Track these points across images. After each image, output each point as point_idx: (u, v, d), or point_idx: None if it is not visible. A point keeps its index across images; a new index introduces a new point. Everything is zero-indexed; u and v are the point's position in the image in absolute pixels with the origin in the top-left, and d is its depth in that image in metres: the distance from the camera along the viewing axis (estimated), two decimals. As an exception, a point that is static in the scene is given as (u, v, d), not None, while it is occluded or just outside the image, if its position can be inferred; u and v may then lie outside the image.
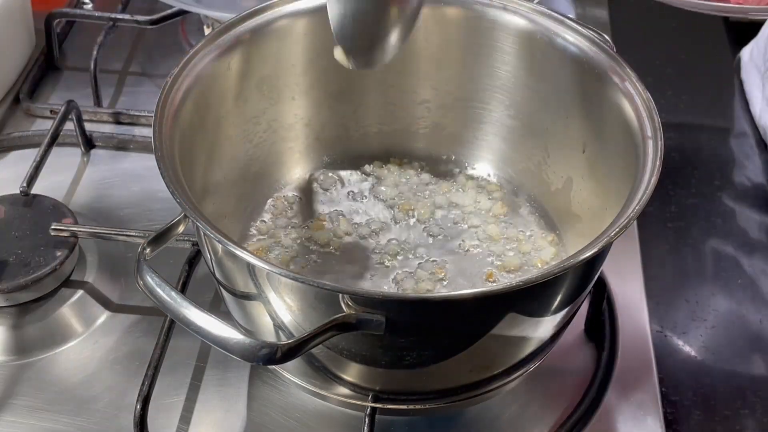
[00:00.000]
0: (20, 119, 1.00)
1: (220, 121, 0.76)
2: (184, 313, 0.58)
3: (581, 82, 0.75)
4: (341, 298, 0.58)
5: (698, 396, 0.77)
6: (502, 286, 0.58)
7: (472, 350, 0.64)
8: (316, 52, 0.80)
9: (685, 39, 1.17)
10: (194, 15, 1.10)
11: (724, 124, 1.04)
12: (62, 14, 1.06)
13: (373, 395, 0.68)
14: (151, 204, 0.90)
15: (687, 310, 0.84)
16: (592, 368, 0.77)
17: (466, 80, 0.83)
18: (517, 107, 0.81)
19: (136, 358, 0.76)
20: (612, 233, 0.60)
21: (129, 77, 1.07)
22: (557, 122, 0.78)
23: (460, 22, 0.79)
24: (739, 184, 0.96)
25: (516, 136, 0.83)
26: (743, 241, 0.90)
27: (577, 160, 0.76)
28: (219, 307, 0.80)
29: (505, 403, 0.74)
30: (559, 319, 0.67)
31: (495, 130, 0.83)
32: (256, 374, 0.75)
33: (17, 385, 0.75)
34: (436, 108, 0.82)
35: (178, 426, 0.72)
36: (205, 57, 0.73)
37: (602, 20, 1.15)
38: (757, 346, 0.81)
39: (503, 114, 0.82)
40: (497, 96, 0.82)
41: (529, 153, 0.82)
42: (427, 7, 0.76)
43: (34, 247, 0.80)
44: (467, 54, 0.81)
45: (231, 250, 0.58)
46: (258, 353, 0.55)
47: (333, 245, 0.78)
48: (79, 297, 0.80)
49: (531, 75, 0.79)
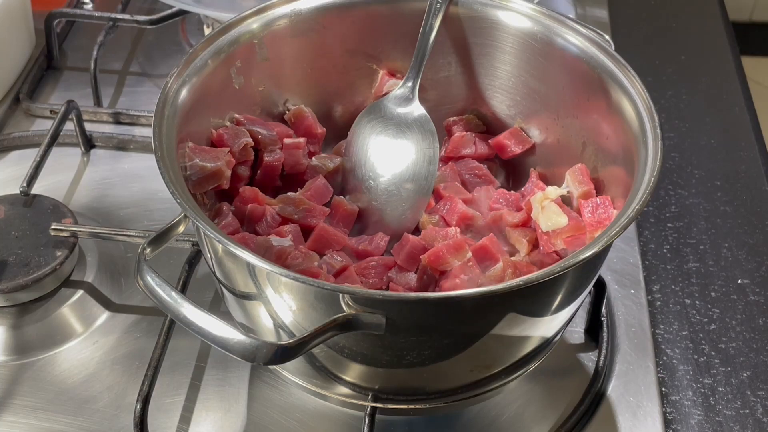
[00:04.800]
0: (20, 119, 1.00)
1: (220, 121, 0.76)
2: (184, 313, 0.58)
3: (581, 81, 0.75)
4: (341, 298, 0.58)
5: (698, 396, 0.77)
6: (502, 286, 0.58)
7: (472, 350, 0.64)
8: (317, 53, 0.80)
9: (685, 39, 1.17)
10: (194, 15, 1.10)
11: (724, 124, 1.04)
12: (62, 14, 1.06)
13: (373, 395, 0.68)
14: (151, 204, 0.90)
15: (687, 310, 0.84)
16: (592, 368, 0.77)
17: (466, 80, 0.83)
18: (517, 107, 0.81)
19: (136, 358, 0.77)
20: (612, 233, 0.60)
21: (129, 77, 1.07)
22: (557, 122, 0.78)
23: (460, 22, 0.79)
24: (739, 183, 0.96)
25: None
26: (743, 241, 0.90)
27: (576, 159, 0.76)
28: (219, 307, 0.80)
29: (505, 403, 0.74)
30: (559, 319, 0.67)
31: (495, 130, 0.83)
32: (256, 374, 0.75)
33: (17, 385, 0.75)
34: (436, 108, 0.82)
35: (178, 426, 0.72)
36: (205, 57, 0.73)
37: (602, 20, 1.15)
38: (758, 346, 0.81)
39: (503, 114, 0.82)
40: (497, 96, 0.82)
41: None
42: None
43: (34, 247, 0.80)
44: (467, 54, 0.81)
45: (231, 250, 0.58)
46: (258, 353, 0.55)
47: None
48: (79, 297, 0.80)
49: (531, 75, 0.79)
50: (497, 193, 0.79)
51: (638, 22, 1.19)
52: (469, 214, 0.77)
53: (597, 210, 0.70)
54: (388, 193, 0.78)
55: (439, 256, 0.70)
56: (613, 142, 0.72)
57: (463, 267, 0.70)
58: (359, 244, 0.76)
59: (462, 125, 0.84)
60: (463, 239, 0.72)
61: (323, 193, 0.79)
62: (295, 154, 0.79)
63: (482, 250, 0.72)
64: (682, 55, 1.14)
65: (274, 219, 0.75)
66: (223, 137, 0.75)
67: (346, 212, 0.78)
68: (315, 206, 0.77)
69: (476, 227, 0.77)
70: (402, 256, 0.74)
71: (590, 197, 0.72)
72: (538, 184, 0.78)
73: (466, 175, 0.82)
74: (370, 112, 0.81)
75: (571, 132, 0.77)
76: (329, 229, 0.75)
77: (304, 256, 0.70)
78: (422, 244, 0.73)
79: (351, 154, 0.81)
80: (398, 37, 0.81)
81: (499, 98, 0.82)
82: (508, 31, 0.78)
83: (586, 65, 0.74)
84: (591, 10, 1.17)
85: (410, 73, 0.80)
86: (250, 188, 0.76)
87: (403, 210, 0.78)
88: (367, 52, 0.82)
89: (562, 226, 0.71)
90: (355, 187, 0.80)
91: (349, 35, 0.81)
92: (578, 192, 0.73)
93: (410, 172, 0.78)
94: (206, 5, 1.00)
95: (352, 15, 0.80)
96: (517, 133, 0.81)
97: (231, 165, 0.74)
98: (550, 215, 0.72)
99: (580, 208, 0.72)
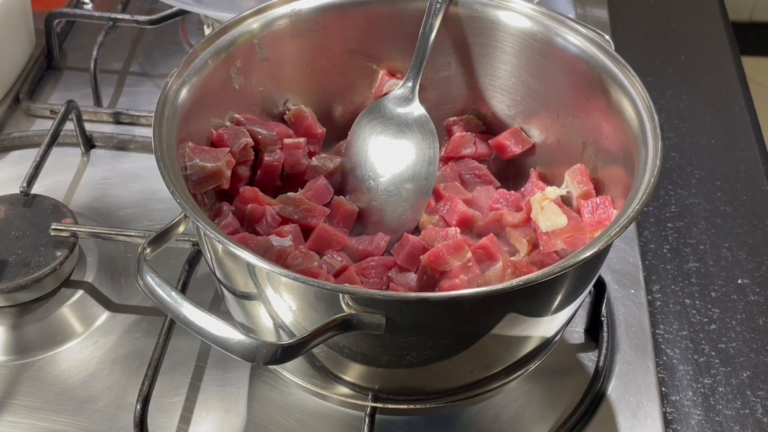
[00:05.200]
0: (20, 119, 1.00)
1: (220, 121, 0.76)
2: (184, 313, 0.58)
3: (581, 81, 0.75)
4: (341, 298, 0.58)
5: (698, 396, 0.77)
6: (502, 286, 0.58)
7: (472, 350, 0.64)
8: (317, 53, 0.80)
9: (685, 39, 1.17)
10: (194, 15, 1.10)
11: (724, 124, 1.04)
12: (62, 14, 1.06)
13: (373, 395, 0.68)
14: (151, 204, 0.90)
15: (687, 310, 0.84)
16: (592, 368, 0.77)
17: (466, 80, 0.83)
18: (517, 107, 0.81)
19: (136, 358, 0.77)
20: (612, 233, 0.60)
21: (129, 77, 1.07)
22: (557, 122, 0.78)
23: (460, 22, 0.79)
24: (739, 183, 0.96)
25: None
26: (743, 241, 0.90)
27: (576, 159, 0.76)
28: (219, 307, 0.80)
29: (505, 403, 0.74)
30: (559, 319, 0.67)
31: (495, 130, 0.83)
32: (256, 374, 0.75)
33: (17, 385, 0.75)
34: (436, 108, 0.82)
35: (178, 426, 0.72)
36: (205, 57, 0.73)
37: (602, 20, 1.15)
38: (758, 346, 0.81)
39: (503, 114, 0.82)
40: (497, 96, 0.82)
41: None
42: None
43: (34, 247, 0.80)
44: (467, 54, 0.81)
45: (231, 250, 0.58)
46: (258, 353, 0.55)
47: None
48: (79, 297, 0.80)
49: (531, 75, 0.79)
50: (497, 193, 0.79)
51: (638, 22, 1.19)
52: (469, 214, 0.77)
53: (597, 210, 0.70)
54: (388, 193, 0.78)
55: (439, 257, 0.70)
56: (613, 142, 0.72)
57: (463, 267, 0.70)
58: (359, 244, 0.76)
59: (462, 125, 0.84)
60: (463, 239, 0.72)
61: (324, 194, 0.79)
62: (295, 154, 0.79)
63: (482, 250, 0.72)
64: (682, 55, 1.14)
65: (274, 219, 0.75)
66: (223, 137, 0.75)
67: (346, 212, 0.78)
68: (315, 206, 0.77)
69: (476, 227, 0.77)
70: (402, 256, 0.74)
71: (589, 197, 0.72)
72: (538, 184, 0.78)
73: (466, 175, 0.82)
74: (370, 112, 0.81)
75: (571, 132, 0.77)
76: (329, 229, 0.75)
77: (304, 256, 0.70)
78: (422, 244, 0.73)
79: (351, 154, 0.81)
80: (398, 37, 0.81)
81: (499, 98, 0.82)
82: (508, 31, 0.78)
83: (586, 65, 0.74)
84: (591, 10, 1.17)
85: (410, 73, 0.80)
86: (250, 188, 0.76)
87: (403, 210, 0.78)
88: (367, 52, 0.82)
89: (562, 226, 0.71)
90: (355, 187, 0.80)
91: (349, 35, 0.81)
92: (577, 192, 0.73)
93: (410, 172, 0.78)
94: (206, 5, 1.00)
95: (352, 15, 0.80)
96: (517, 133, 0.81)
97: (231, 165, 0.74)
98: (550, 215, 0.72)
99: (579, 208, 0.72)
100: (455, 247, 0.70)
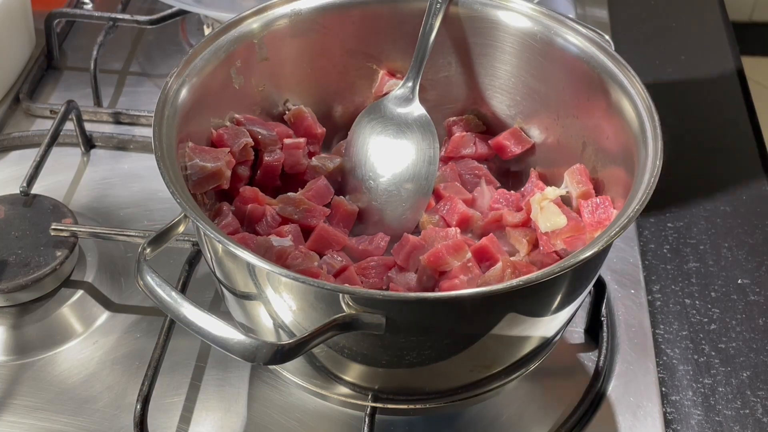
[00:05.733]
0: (20, 119, 1.00)
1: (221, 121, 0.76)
2: (184, 313, 0.58)
3: (581, 81, 0.75)
4: (341, 298, 0.58)
5: (698, 396, 0.77)
6: (502, 286, 0.58)
7: (472, 350, 0.64)
8: (317, 52, 0.80)
9: (685, 39, 1.17)
10: (194, 15, 1.10)
11: (724, 124, 1.04)
12: (62, 14, 1.06)
13: (373, 395, 0.68)
14: (151, 204, 0.90)
15: (687, 310, 0.84)
16: (592, 368, 0.77)
17: (466, 80, 0.83)
18: (517, 107, 0.81)
19: (136, 358, 0.77)
20: (612, 233, 0.60)
21: (129, 77, 1.07)
22: (557, 122, 0.78)
23: (460, 22, 0.79)
24: (739, 183, 0.96)
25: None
26: (743, 241, 0.90)
27: (576, 159, 0.76)
28: (219, 307, 0.80)
29: (505, 403, 0.74)
30: (558, 319, 0.67)
31: (495, 130, 0.83)
32: (256, 374, 0.75)
33: (17, 385, 0.75)
34: (436, 108, 0.82)
35: (178, 426, 0.72)
36: (205, 57, 0.73)
37: (602, 20, 1.15)
38: (758, 346, 0.81)
39: (503, 114, 0.82)
40: (497, 96, 0.82)
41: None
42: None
43: (34, 247, 0.80)
44: (467, 54, 0.81)
45: (231, 250, 0.58)
46: (258, 353, 0.55)
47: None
48: (79, 297, 0.80)
49: (531, 75, 0.79)
50: (497, 193, 0.79)
51: (638, 22, 1.19)
52: (469, 214, 0.77)
53: (597, 210, 0.70)
54: (388, 193, 0.78)
55: (439, 257, 0.70)
56: (613, 142, 0.72)
57: (462, 267, 0.70)
58: (359, 244, 0.76)
59: (462, 125, 0.84)
60: (462, 239, 0.73)
61: (324, 194, 0.79)
62: (295, 154, 0.79)
63: (482, 250, 0.72)
64: (682, 55, 1.14)
65: (274, 219, 0.75)
66: (223, 137, 0.75)
67: (346, 212, 0.78)
68: (315, 206, 0.77)
69: (476, 227, 0.77)
70: (402, 256, 0.74)
71: (589, 197, 0.72)
72: (537, 184, 0.78)
73: (466, 175, 0.82)
74: (370, 112, 0.81)
75: (571, 132, 0.77)
76: (329, 229, 0.75)
77: (304, 256, 0.70)
78: (422, 244, 0.73)
79: (351, 154, 0.81)
80: (398, 37, 0.81)
81: (499, 98, 0.82)
82: (508, 31, 0.78)
83: (586, 65, 0.74)
84: (591, 10, 1.17)
85: (410, 73, 0.80)
86: (250, 188, 0.76)
87: (403, 210, 0.78)
88: (367, 52, 0.82)
89: (562, 226, 0.71)
90: (355, 187, 0.80)
91: (349, 35, 0.81)
92: (577, 192, 0.73)
93: (410, 172, 0.78)
94: (206, 5, 1.00)
95: (352, 15, 0.80)
96: (516, 133, 0.81)
97: (231, 165, 0.74)
98: (549, 216, 0.72)
99: (579, 208, 0.72)
100: (455, 247, 0.70)
